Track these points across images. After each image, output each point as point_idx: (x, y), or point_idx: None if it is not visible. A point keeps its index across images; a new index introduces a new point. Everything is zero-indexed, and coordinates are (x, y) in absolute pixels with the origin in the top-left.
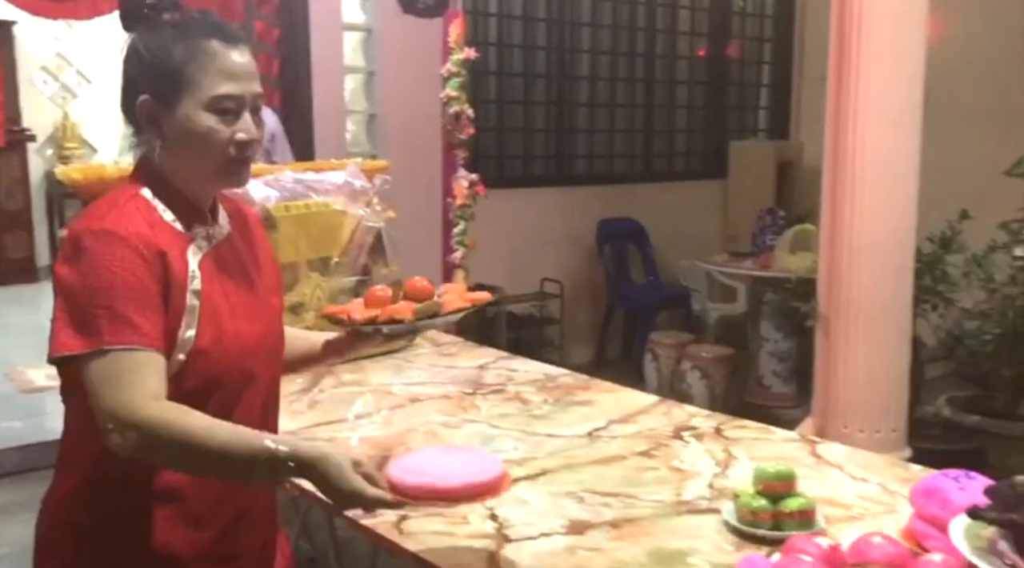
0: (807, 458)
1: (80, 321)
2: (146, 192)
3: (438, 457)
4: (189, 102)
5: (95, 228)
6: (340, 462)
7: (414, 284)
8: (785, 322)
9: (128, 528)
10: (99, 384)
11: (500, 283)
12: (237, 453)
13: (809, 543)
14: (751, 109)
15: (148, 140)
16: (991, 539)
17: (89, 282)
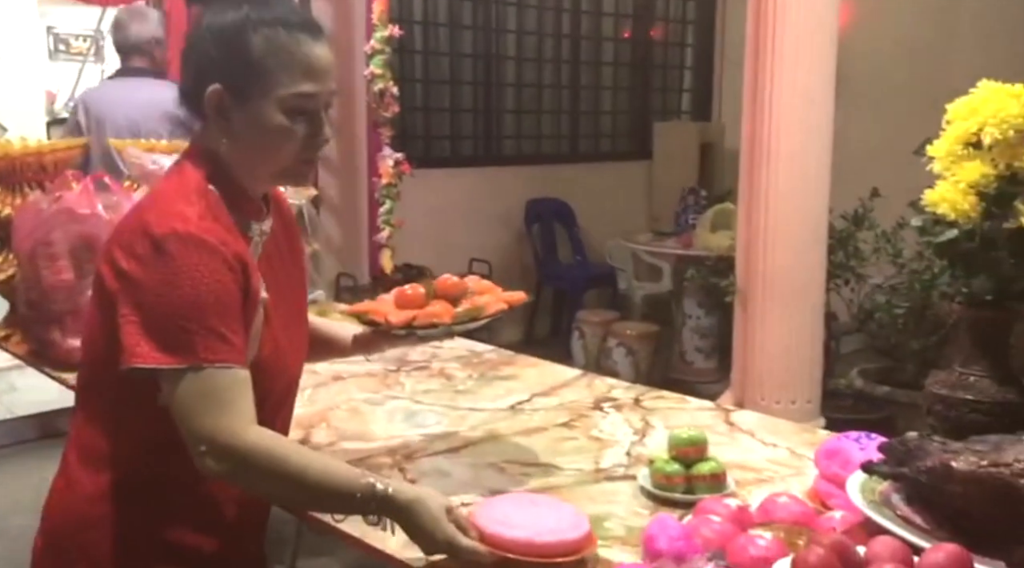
0: (721, 426)
1: (166, 332)
2: (212, 187)
3: (524, 507)
4: (265, 98)
5: (180, 232)
6: (434, 508)
7: (445, 283)
8: (707, 299)
9: (161, 528)
10: (193, 403)
11: (428, 263)
12: (334, 487)
13: (719, 504)
14: (674, 91)
15: (211, 131)
16: (884, 492)
17: (179, 293)
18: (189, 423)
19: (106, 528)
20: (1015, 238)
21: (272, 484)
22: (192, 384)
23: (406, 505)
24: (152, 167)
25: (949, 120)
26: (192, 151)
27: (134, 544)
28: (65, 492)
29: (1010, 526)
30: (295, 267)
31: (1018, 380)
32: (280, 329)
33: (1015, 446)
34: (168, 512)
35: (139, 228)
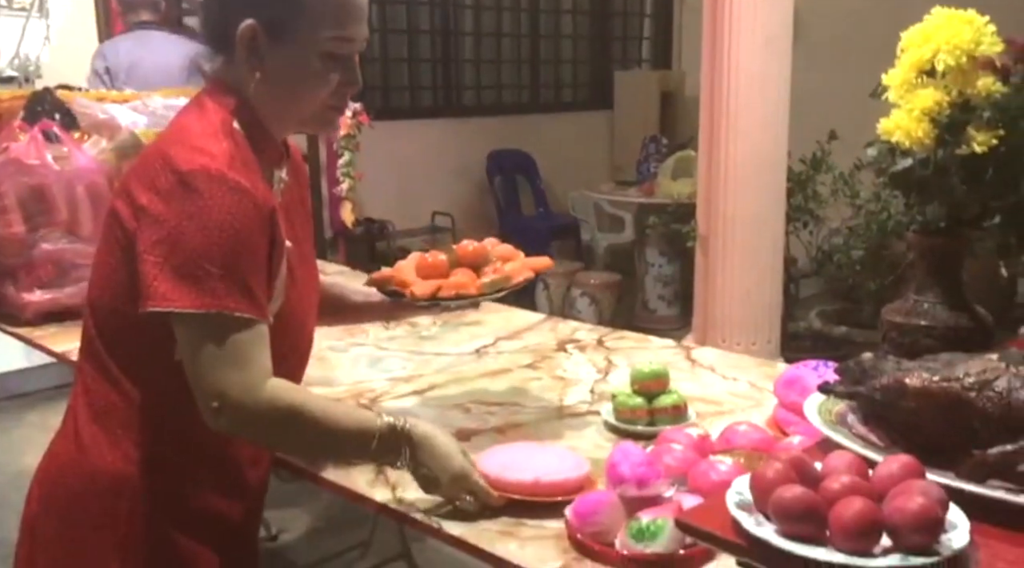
0: (683, 363)
1: (187, 273)
2: (237, 126)
3: (526, 453)
4: (303, 39)
5: (211, 169)
6: (450, 441)
7: (465, 248)
8: (669, 247)
9: (186, 492)
10: (209, 354)
11: (390, 217)
12: (351, 434)
13: (681, 434)
14: (634, 39)
15: (238, 68)
16: (841, 413)
17: (206, 233)
18: (202, 375)
19: (125, 492)
20: (968, 165)
21: (287, 439)
22: (210, 333)
23: (423, 438)
24: (102, 117)
25: (903, 48)
26: (214, 87)
27: (156, 510)
28: (75, 453)
29: (959, 438)
30: (307, 219)
31: (970, 306)
32: (301, 280)
33: (965, 362)
34: (193, 475)
35: (161, 162)
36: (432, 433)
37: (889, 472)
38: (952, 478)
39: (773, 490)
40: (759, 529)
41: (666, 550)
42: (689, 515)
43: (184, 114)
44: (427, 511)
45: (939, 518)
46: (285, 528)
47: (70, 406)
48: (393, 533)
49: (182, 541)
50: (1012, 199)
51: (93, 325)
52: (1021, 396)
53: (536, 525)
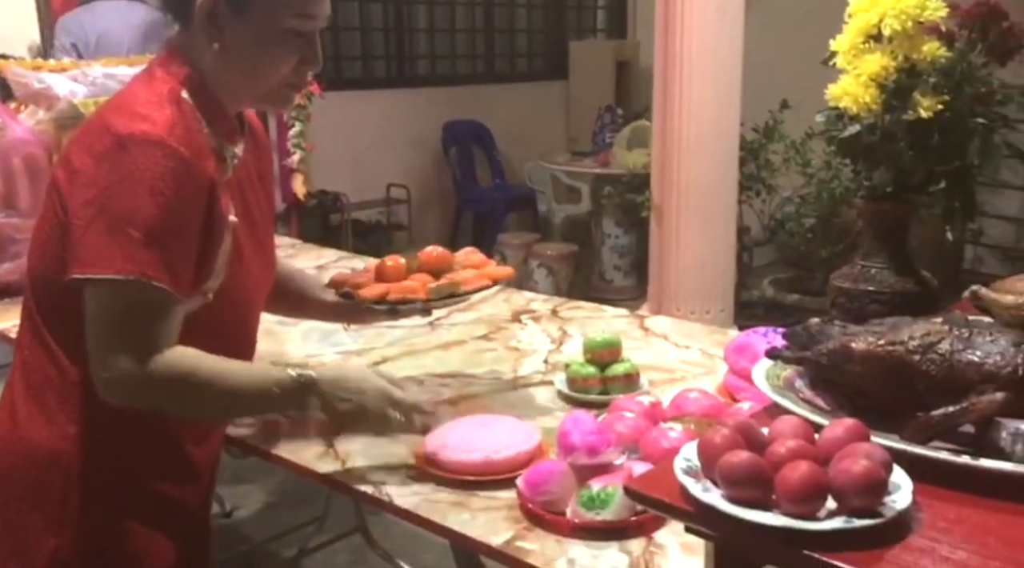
0: (636, 331)
1: (112, 238)
2: (186, 95)
3: (475, 429)
4: (266, 14)
5: (149, 135)
6: (361, 368)
7: (429, 255)
8: (625, 218)
9: (128, 472)
10: (113, 320)
11: (344, 189)
12: (257, 388)
13: (632, 402)
14: (589, 9)
15: (196, 38)
16: (789, 378)
17: (134, 198)
18: (99, 343)
19: (60, 469)
20: (914, 130)
21: (188, 405)
22: (120, 299)
23: (330, 379)
24: (38, 86)
25: (851, 13)
26: (167, 56)
27: (94, 488)
28: (10, 428)
29: (904, 401)
30: (265, 197)
31: (916, 270)
32: (250, 258)
33: (910, 326)
34: (133, 454)
35: (100, 127)
36: (338, 369)
37: (834, 435)
38: (896, 440)
39: (720, 456)
40: (706, 495)
41: (617, 517)
42: (638, 482)
43: (133, 82)
44: (377, 483)
45: (882, 480)
46: (239, 504)
47: (8, 381)
48: (348, 507)
49: (123, 521)
50: (957, 164)
51: (32, 297)
52: (963, 358)
53: (487, 496)
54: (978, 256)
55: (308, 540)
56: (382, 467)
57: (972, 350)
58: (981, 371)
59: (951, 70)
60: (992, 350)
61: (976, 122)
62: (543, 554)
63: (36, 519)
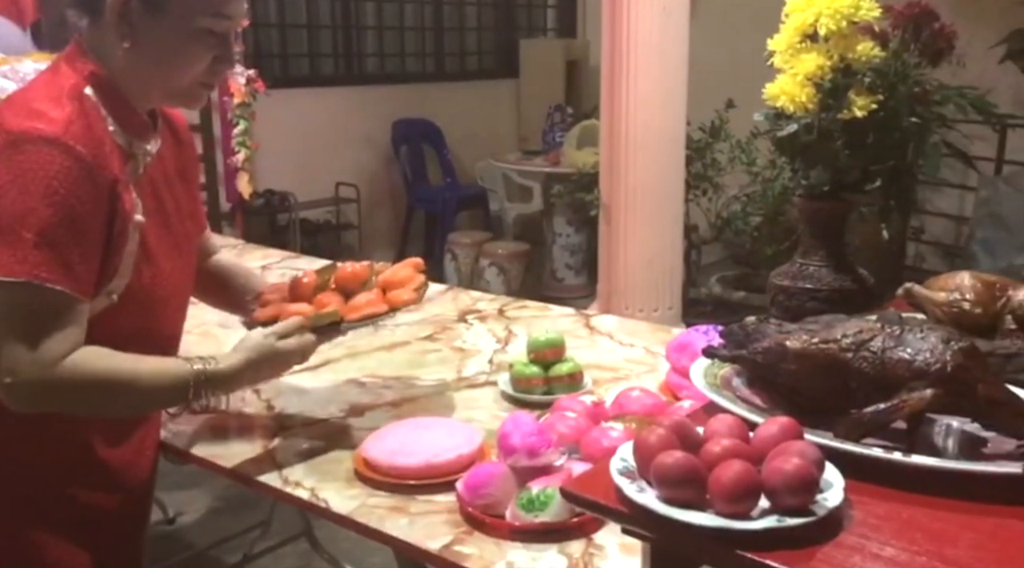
0: (581, 330)
1: (3, 239)
2: (90, 91)
3: (415, 432)
4: (180, 12)
5: (44, 133)
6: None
7: (344, 271)
8: (575, 216)
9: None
10: (11, 324)
11: (291, 188)
12: (169, 387)
13: (575, 402)
14: (539, 8)
15: (105, 34)
16: (726, 376)
17: (27, 198)
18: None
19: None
20: (849, 129)
21: (97, 408)
22: (15, 302)
23: (245, 363)
24: None
25: (787, 13)
26: (73, 52)
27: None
28: None
29: (838, 398)
30: (186, 194)
31: (853, 268)
32: (163, 258)
33: (844, 324)
34: (44, 458)
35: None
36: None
37: (769, 434)
38: (830, 438)
39: (655, 456)
40: (640, 496)
41: (556, 519)
42: (574, 484)
43: (36, 78)
44: (314, 489)
45: (814, 478)
46: (182, 510)
47: None
48: (294, 511)
49: (34, 531)
50: (892, 163)
51: None
52: (894, 355)
53: (426, 500)
54: (920, 253)
55: (253, 545)
56: (320, 473)
57: (903, 347)
58: (912, 368)
59: (885, 70)
60: (923, 347)
61: (911, 121)
62: (482, 558)
63: None
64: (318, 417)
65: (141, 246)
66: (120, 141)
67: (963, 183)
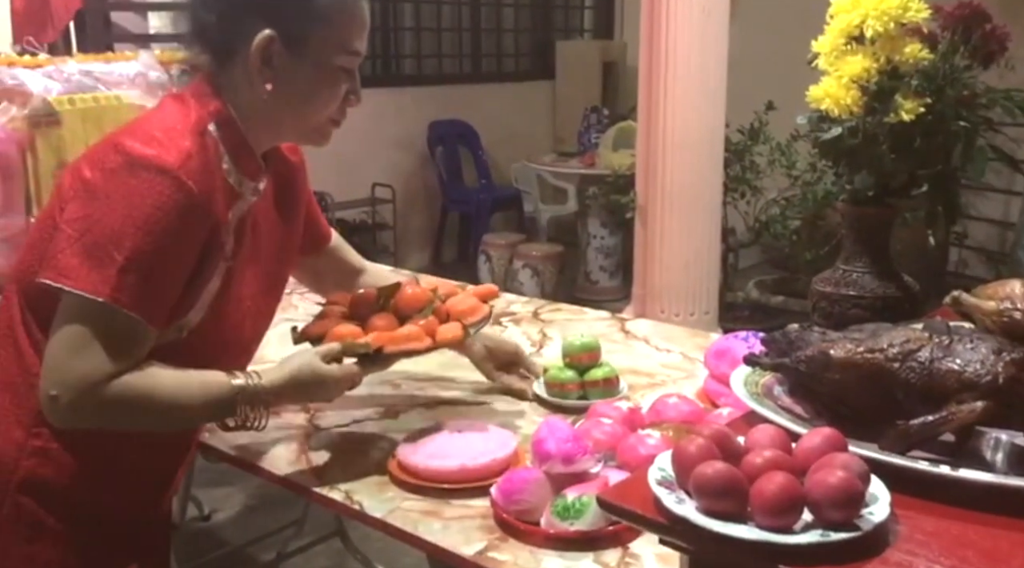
0: (617, 334)
1: (94, 256)
2: (213, 128)
3: (450, 438)
4: (319, 52)
5: (163, 162)
6: (305, 362)
7: (405, 294)
8: (610, 219)
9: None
10: (75, 339)
11: (329, 189)
12: (214, 404)
13: (610, 408)
14: (576, 9)
15: (238, 74)
16: (767, 385)
17: (128, 221)
18: (55, 358)
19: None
20: (896, 133)
21: (139, 426)
22: (87, 319)
23: (287, 382)
24: (11, 83)
25: (833, 14)
26: (201, 88)
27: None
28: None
29: (882, 409)
30: (286, 232)
31: (898, 275)
32: (247, 296)
33: (889, 332)
34: (91, 461)
35: (116, 145)
36: (282, 370)
37: (812, 445)
38: (875, 450)
39: (694, 466)
40: (679, 506)
41: (591, 527)
42: (611, 493)
43: (160, 106)
44: (349, 492)
45: (859, 492)
46: (218, 508)
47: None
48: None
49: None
50: (939, 168)
51: (18, 294)
52: (943, 366)
53: (461, 504)
54: (963, 259)
55: (286, 544)
56: (355, 474)
57: (952, 358)
58: (961, 379)
59: (933, 73)
60: (972, 358)
61: (959, 125)
62: (516, 565)
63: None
64: (353, 418)
65: (227, 286)
66: (232, 180)
67: (1009, 188)
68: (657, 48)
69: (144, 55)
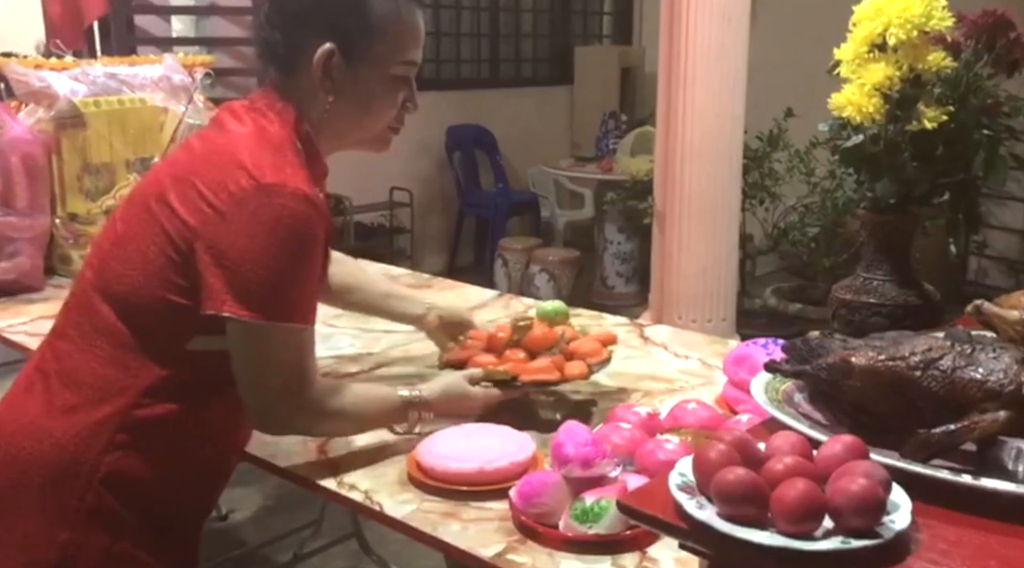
0: (635, 340)
1: (258, 283)
2: (299, 145)
3: (468, 438)
4: (377, 63)
5: (292, 186)
6: (460, 383)
7: (534, 334)
8: (627, 224)
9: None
10: (267, 361)
11: (347, 192)
12: (387, 419)
13: (629, 412)
14: (595, 14)
15: (305, 87)
16: (788, 391)
17: (280, 247)
18: (257, 383)
19: (84, 470)
20: (918, 141)
21: (329, 433)
22: (268, 342)
23: (441, 394)
24: (38, 85)
25: (855, 22)
26: (275, 103)
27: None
28: (40, 414)
29: (904, 417)
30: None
31: (919, 283)
32: (318, 292)
33: (911, 340)
34: (162, 462)
35: (235, 166)
36: (444, 391)
37: (833, 452)
38: (896, 458)
39: (715, 472)
40: (700, 512)
41: (610, 531)
42: (631, 497)
43: (246, 120)
44: (368, 492)
45: (880, 500)
46: (235, 508)
47: (37, 369)
48: (345, 512)
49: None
50: (961, 176)
51: (106, 299)
52: (965, 375)
53: (479, 506)
54: (982, 268)
55: (303, 545)
56: (374, 475)
57: (974, 367)
58: (983, 388)
59: (956, 81)
60: (995, 367)
61: (981, 134)
62: (534, 567)
63: (48, 511)
64: None
65: None
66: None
67: None
68: (676, 54)
69: (169, 59)
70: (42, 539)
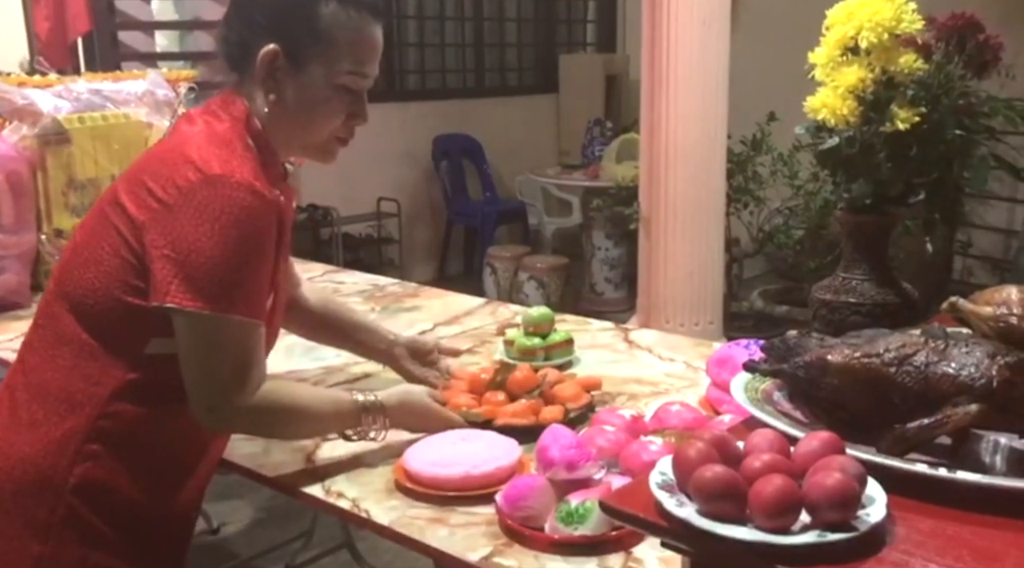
0: (620, 344)
1: (205, 275)
2: (249, 140)
3: (454, 444)
4: (321, 70)
5: (238, 178)
6: (422, 395)
7: (516, 377)
8: (615, 230)
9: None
10: (213, 355)
11: (334, 203)
12: (338, 422)
13: (614, 415)
14: (579, 23)
15: (254, 87)
16: (767, 391)
17: (226, 238)
18: (201, 377)
19: (54, 484)
20: (892, 142)
21: (276, 434)
22: (215, 335)
23: (398, 403)
24: (22, 102)
25: (828, 25)
26: (228, 102)
27: (84, 501)
28: (5, 426)
29: (880, 413)
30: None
31: (897, 281)
32: (280, 290)
33: (886, 338)
34: (134, 471)
35: (182, 161)
36: (404, 396)
37: (810, 449)
38: (873, 453)
39: (694, 470)
40: (680, 509)
41: (595, 532)
42: (613, 497)
43: (197, 121)
44: (355, 499)
45: (855, 493)
46: (226, 520)
47: (6, 384)
48: (336, 523)
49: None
50: (935, 176)
51: (67, 306)
52: (938, 370)
53: (466, 511)
54: (967, 267)
55: (295, 556)
56: (361, 483)
57: (948, 362)
58: (956, 383)
59: (928, 82)
60: (967, 362)
61: (955, 134)
62: None
63: (20, 525)
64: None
65: (275, 277)
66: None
67: (1012, 196)
68: (659, 61)
69: (153, 74)
70: (15, 553)
